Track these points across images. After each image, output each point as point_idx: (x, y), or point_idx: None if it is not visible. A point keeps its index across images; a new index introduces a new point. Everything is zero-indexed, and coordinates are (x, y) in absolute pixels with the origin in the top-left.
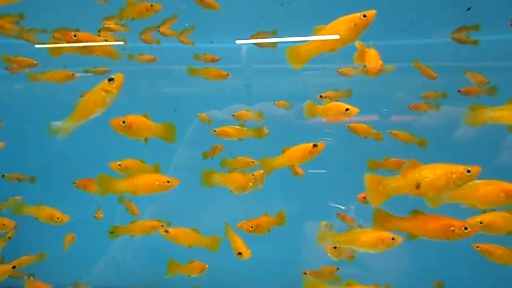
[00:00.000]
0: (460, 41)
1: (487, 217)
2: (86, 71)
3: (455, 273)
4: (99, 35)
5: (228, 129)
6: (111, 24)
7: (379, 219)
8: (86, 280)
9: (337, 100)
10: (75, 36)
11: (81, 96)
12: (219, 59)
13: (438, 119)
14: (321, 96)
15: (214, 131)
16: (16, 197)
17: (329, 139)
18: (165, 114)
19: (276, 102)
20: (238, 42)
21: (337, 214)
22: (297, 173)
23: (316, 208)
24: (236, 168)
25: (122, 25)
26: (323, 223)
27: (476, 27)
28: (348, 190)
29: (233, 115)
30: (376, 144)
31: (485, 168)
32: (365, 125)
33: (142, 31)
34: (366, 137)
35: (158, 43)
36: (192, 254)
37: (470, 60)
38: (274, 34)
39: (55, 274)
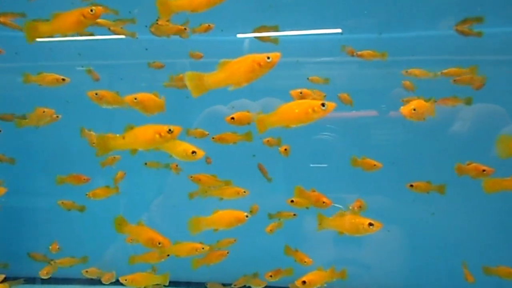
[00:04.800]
0: (463, 33)
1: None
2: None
3: (455, 272)
4: (109, 29)
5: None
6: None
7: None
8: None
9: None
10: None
11: None
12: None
13: (439, 114)
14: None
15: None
16: (116, 156)
17: (329, 134)
18: (169, 108)
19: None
20: (239, 35)
21: None
22: (375, 165)
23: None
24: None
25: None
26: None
27: (479, 19)
28: (348, 183)
29: None
30: (376, 139)
31: (481, 161)
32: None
33: (151, 24)
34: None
35: (169, 36)
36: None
37: (471, 53)
38: (276, 29)
39: None
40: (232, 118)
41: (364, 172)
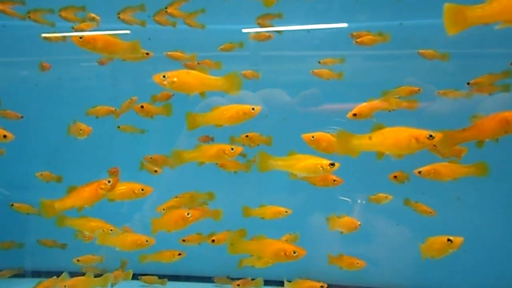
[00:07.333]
0: None
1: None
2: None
3: (463, 268)
4: (119, 17)
5: None
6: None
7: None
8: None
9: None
10: None
11: None
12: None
13: (450, 106)
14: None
15: None
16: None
17: (336, 128)
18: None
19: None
20: (244, 30)
21: None
22: None
23: (321, 200)
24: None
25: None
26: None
27: None
28: (354, 180)
29: None
30: None
31: (500, 156)
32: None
33: (155, 13)
34: (328, 79)
35: (174, 26)
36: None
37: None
38: (280, 16)
39: (58, 257)
40: (142, 106)
41: (369, 169)
